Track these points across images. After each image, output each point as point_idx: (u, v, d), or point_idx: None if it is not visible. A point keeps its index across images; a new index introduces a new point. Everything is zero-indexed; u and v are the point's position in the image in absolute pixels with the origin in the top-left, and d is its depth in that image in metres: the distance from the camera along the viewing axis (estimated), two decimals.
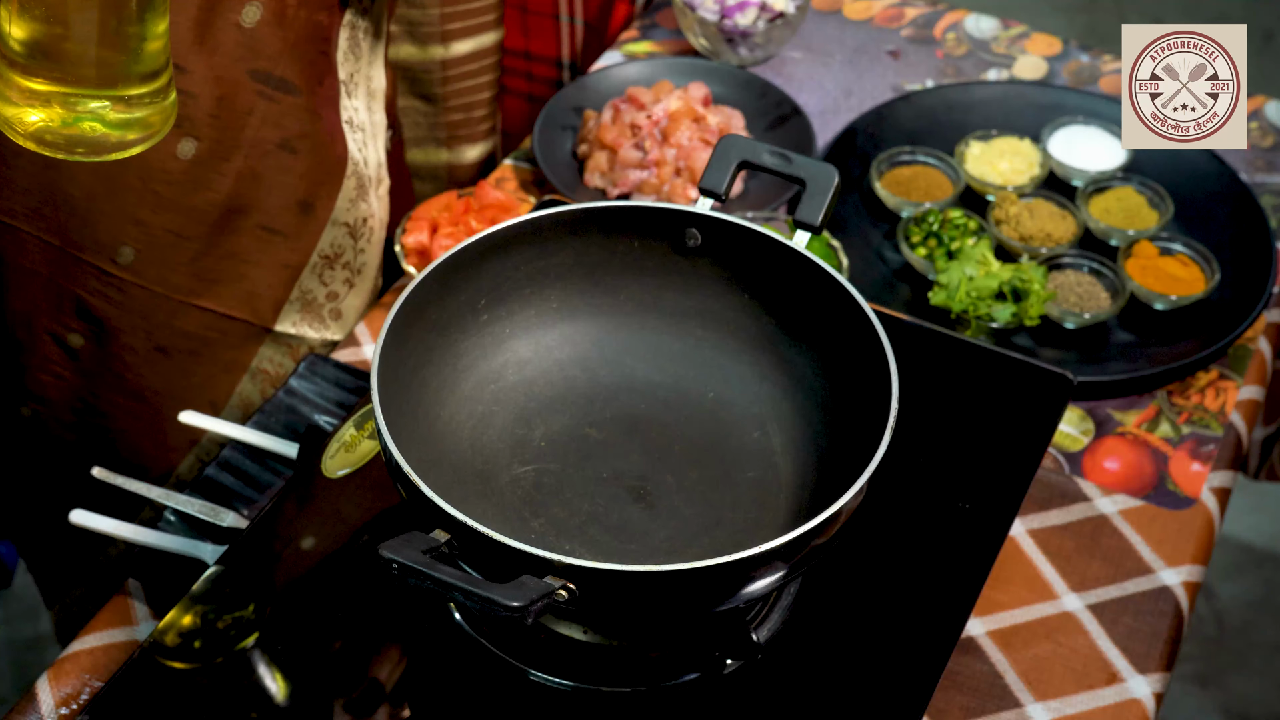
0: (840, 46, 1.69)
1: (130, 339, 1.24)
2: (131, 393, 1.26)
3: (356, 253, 1.35)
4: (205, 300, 1.25)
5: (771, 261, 1.04)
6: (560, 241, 1.06)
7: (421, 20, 1.57)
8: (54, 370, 1.26)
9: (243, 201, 1.22)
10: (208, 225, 1.21)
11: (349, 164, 1.29)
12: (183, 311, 1.25)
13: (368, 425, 1.11)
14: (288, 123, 1.21)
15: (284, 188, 1.24)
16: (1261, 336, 1.36)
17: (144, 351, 1.25)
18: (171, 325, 1.25)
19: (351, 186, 1.30)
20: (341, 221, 1.31)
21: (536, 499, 1.00)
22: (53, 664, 1.08)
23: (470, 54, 1.60)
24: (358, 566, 1.05)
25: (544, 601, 0.81)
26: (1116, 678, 1.10)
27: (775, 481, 1.02)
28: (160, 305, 1.23)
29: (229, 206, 1.22)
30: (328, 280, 1.33)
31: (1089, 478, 1.24)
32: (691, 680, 0.98)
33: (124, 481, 1.14)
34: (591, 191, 1.48)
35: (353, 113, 1.31)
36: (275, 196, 1.24)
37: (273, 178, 1.23)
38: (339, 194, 1.29)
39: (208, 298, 1.25)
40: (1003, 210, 1.42)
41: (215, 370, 1.29)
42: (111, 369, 1.25)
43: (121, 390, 1.26)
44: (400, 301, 0.97)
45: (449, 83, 1.61)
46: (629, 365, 1.09)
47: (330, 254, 1.31)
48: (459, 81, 1.62)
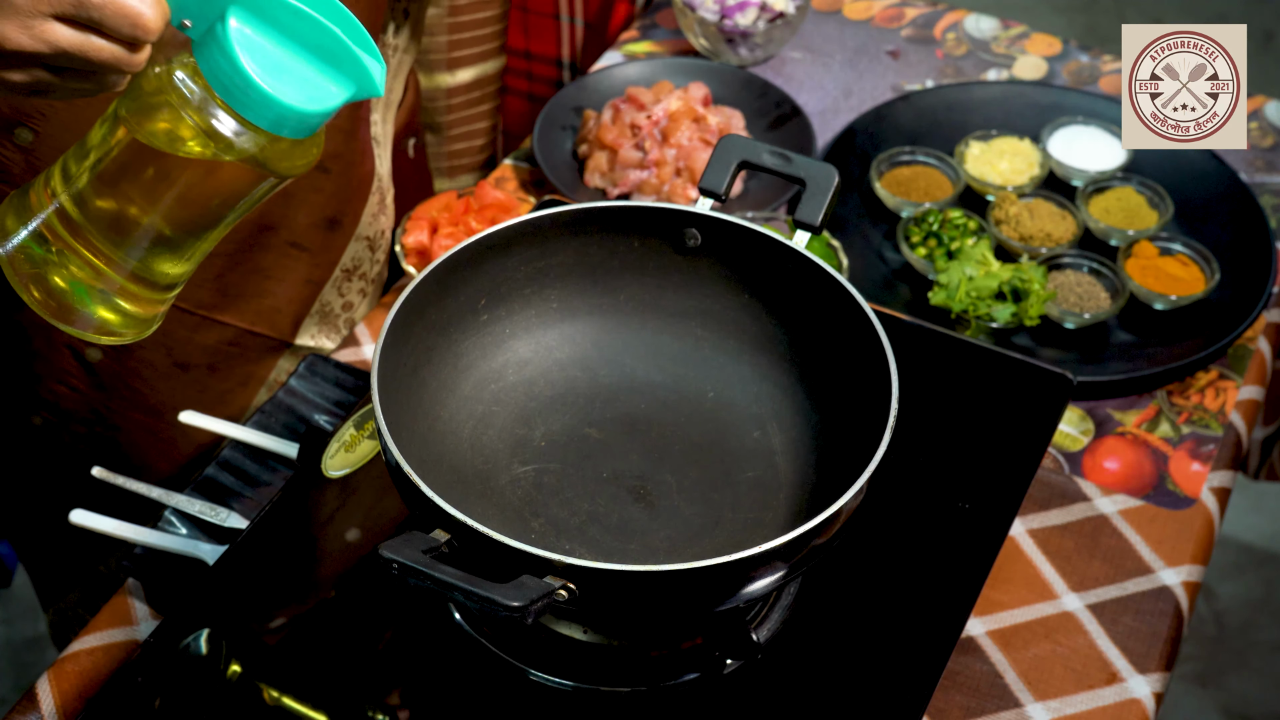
0: (840, 46, 1.69)
1: (150, 354, 1.24)
2: (147, 407, 1.26)
3: (373, 264, 1.36)
4: (227, 315, 1.25)
5: (771, 261, 1.04)
6: (560, 241, 1.06)
7: (430, 48, 1.58)
8: (69, 382, 1.25)
9: (273, 219, 1.22)
10: (235, 242, 1.21)
11: (374, 179, 1.30)
12: (204, 327, 1.24)
13: (368, 425, 1.11)
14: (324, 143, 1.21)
15: (313, 206, 1.24)
16: (1261, 336, 1.36)
17: (163, 366, 1.25)
18: (192, 340, 1.24)
19: (375, 201, 1.31)
20: (364, 236, 1.31)
21: (536, 499, 1.00)
22: (53, 664, 1.08)
23: (474, 81, 1.60)
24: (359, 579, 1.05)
25: (544, 601, 0.81)
26: (1116, 678, 1.10)
27: (775, 481, 1.02)
28: (183, 320, 1.23)
29: (259, 224, 1.22)
30: (345, 292, 1.33)
31: (1089, 478, 1.24)
32: (691, 680, 0.98)
33: (124, 481, 1.14)
34: (591, 191, 1.48)
35: (374, 126, 1.31)
36: (304, 214, 1.24)
37: (303, 196, 1.23)
38: (364, 210, 1.29)
39: (230, 313, 1.25)
40: (1003, 210, 1.42)
41: (232, 384, 1.28)
42: (128, 383, 1.25)
43: (136, 404, 1.26)
44: (400, 301, 0.97)
45: (453, 110, 1.61)
46: (629, 365, 1.09)
47: (351, 267, 1.32)
48: (462, 110, 1.62)
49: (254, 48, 0.79)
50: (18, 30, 0.75)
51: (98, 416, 1.27)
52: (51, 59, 0.77)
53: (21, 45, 0.76)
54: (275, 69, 0.80)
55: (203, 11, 0.79)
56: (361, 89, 0.83)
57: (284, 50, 0.80)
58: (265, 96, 0.79)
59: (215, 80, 0.79)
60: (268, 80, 0.79)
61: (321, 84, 0.82)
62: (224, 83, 0.79)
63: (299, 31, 0.80)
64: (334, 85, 0.82)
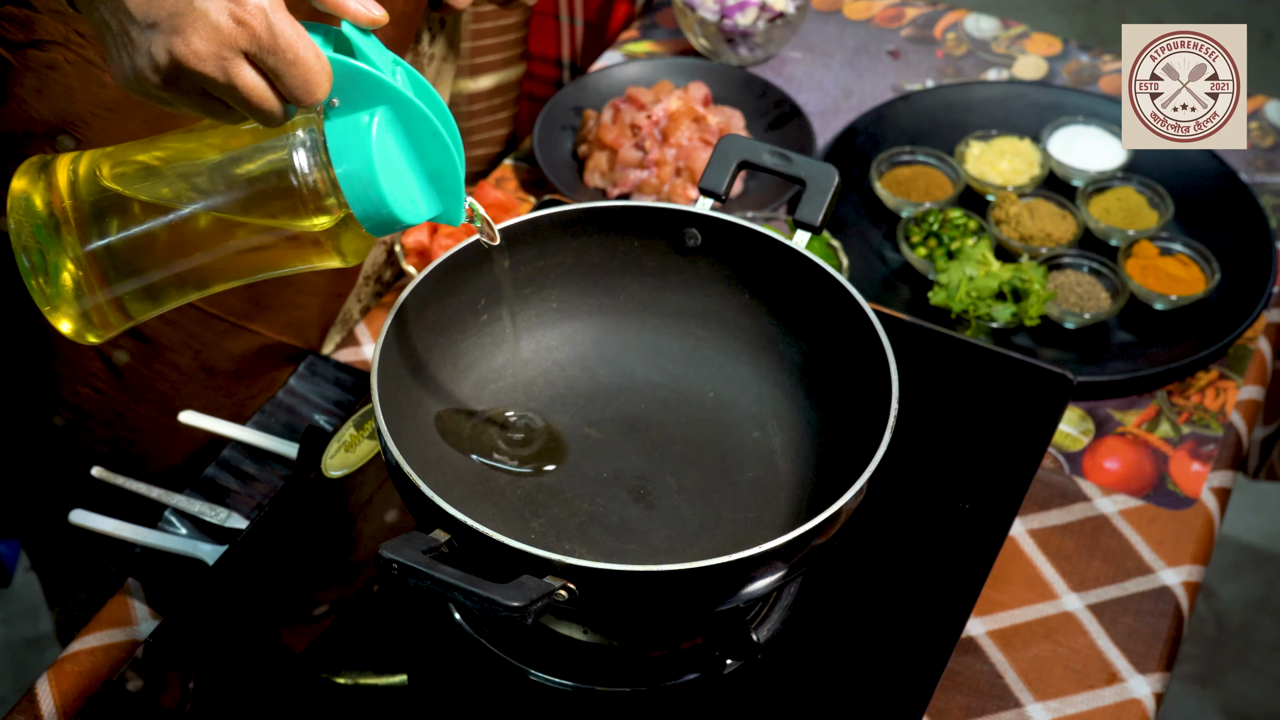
0: (840, 46, 1.69)
1: (177, 357, 1.24)
2: (171, 410, 1.25)
3: (387, 266, 1.36)
4: (257, 324, 1.25)
5: (771, 261, 1.04)
6: (560, 241, 1.06)
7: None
8: (94, 384, 1.24)
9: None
10: None
11: None
12: (232, 333, 1.24)
13: (368, 425, 1.11)
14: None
15: None
16: (1261, 336, 1.36)
17: (190, 370, 1.24)
18: (220, 346, 1.24)
19: None
20: (384, 241, 1.31)
21: (536, 499, 1.00)
22: (53, 664, 1.08)
23: (495, 88, 1.60)
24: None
25: (544, 601, 0.81)
26: (1116, 678, 1.10)
27: (775, 481, 1.02)
28: (212, 326, 1.23)
29: None
30: (362, 297, 1.34)
31: (1089, 478, 1.24)
32: (691, 680, 0.98)
33: (124, 481, 1.14)
34: (591, 191, 1.47)
35: None
36: None
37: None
38: None
39: (259, 322, 1.25)
40: (1003, 210, 1.42)
41: (257, 390, 1.28)
42: (154, 386, 1.25)
43: (160, 407, 1.25)
44: (400, 301, 0.97)
45: (473, 118, 1.61)
46: (629, 365, 1.09)
47: (371, 274, 1.32)
48: (483, 116, 1.62)
49: (385, 148, 0.82)
50: (212, 59, 0.78)
51: (119, 418, 1.26)
52: (219, 90, 0.79)
53: (206, 71, 0.78)
54: (393, 173, 0.83)
55: (353, 100, 0.82)
56: (444, 216, 0.87)
57: (405, 159, 0.84)
58: (379, 194, 0.82)
59: (339, 158, 0.82)
60: (387, 183, 0.82)
61: (418, 198, 0.85)
62: (347, 166, 0.82)
63: (427, 150, 0.84)
64: (426, 203, 0.86)
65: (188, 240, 0.85)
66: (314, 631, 1.03)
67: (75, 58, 1.07)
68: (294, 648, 1.03)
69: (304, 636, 1.03)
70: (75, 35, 1.06)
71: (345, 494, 1.10)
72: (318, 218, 0.84)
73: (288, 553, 1.07)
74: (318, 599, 1.06)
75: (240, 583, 1.06)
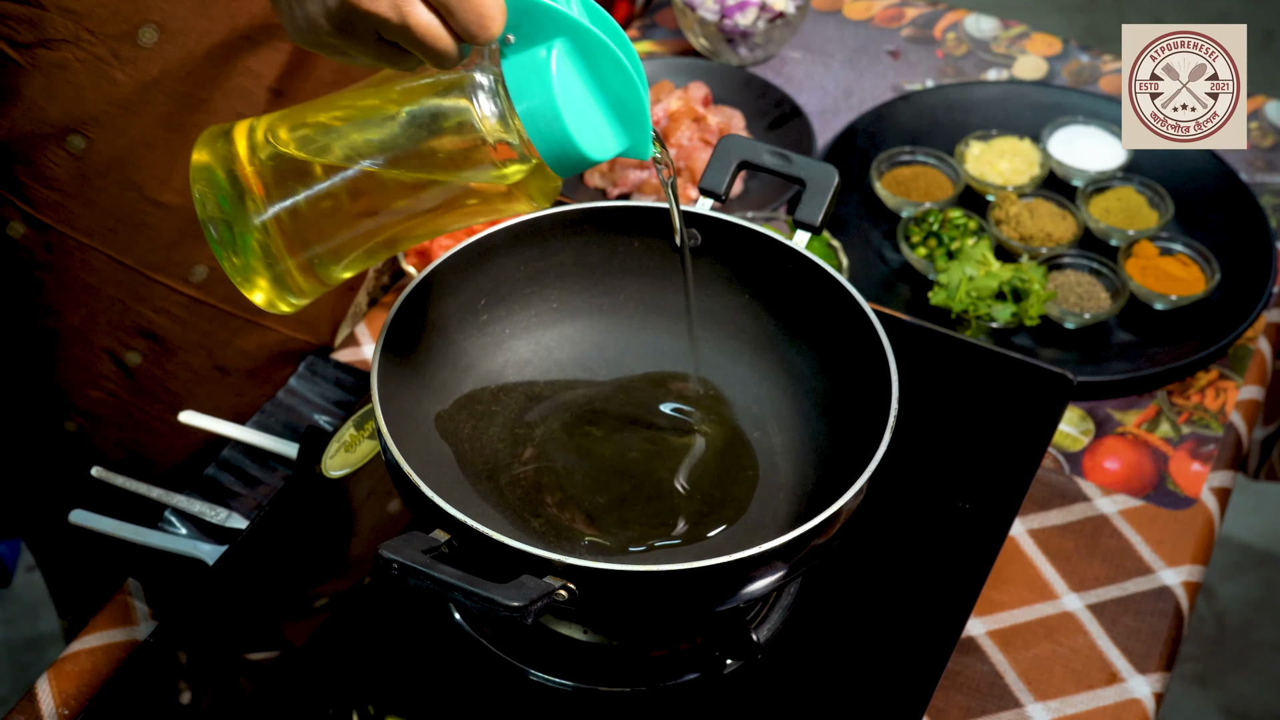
0: (840, 46, 1.69)
1: (190, 357, 1.23)
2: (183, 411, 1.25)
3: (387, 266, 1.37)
4: (270, 320, 1.24)
5: (772, 261, 1.04)
6: (560, 241, 1.06)
7: None
8: (106, 387, 1.24)
9: None
10: None
11: None
12: (245, 331, 1.24)
13: (368, 425, 1.11)
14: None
15: None
16: (1261, 336, 1.36)
17: (203, 370, 1.24)
18: (233, 344, 1.24)
19: None
20: None
21: (536, 499, 1.00)
22: (53, 664, 1.08)
23: None
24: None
25: (544, 601, 0.81)
26: (1116, 678, 1.10)
27: (775, 481, 1.02)
28: (225, 323, 1.23)
29: None
30: (371, 290, 1.34)
31: (1089, 478, 1.24)
32: (691, 680, 0.98)
33: (124, 481, 1.14)
34: (591, 191, 1.48)
35: None
36: None
37: None
38: None
39: (273, 318, 1.24)
40: (1003, 210, 1.42)
41: (269, 389, 1.28)
42: (167, 387, 1.24)
43: (173, 409, 1.24)
44: (400, 301, 0.97)
45: None
46: (629, 365, 1.09)
47: (380, 266, 1.32)
48: None
49: (567, 82, 0.79)
50: None
51: (131, 420, 1.26)
52: (393, 30, 0.76)
53: (379, 11, 0.75)
54: (576, 108, 0.79)
55: (530, 33, 0.78)
56: (633, 149, 0.83)
57: (589, 92, 0.80)
58: (564, 133, 0.79)
59: (518, 96, 0.78)
60: (571, 118, 0.79)
61: (605, 133, 0.82)
62: (528, 103, 0.78)
63: (609, 81, 0.80)
64: (613, 138, 0.82)
65: (373, 199, 0.83)
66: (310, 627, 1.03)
67: (85, 55, 1.06)
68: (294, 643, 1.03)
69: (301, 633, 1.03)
70: (85, 33, 1.06)
71: (345, 494, 1.10)
72: (505, 167, 0.81)
73: (288, 553, 1.07)
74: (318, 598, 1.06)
75: (240, 583, 1.06)
